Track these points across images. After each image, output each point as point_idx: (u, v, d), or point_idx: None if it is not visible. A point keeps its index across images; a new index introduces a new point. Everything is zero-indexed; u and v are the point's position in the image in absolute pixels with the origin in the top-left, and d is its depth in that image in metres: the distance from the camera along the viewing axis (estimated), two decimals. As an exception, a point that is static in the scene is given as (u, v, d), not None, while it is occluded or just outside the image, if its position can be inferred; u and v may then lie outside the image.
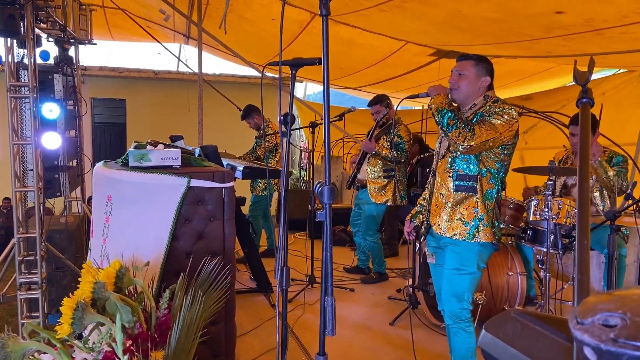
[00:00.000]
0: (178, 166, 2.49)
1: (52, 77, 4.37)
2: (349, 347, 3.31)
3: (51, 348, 1.63)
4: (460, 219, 2.50)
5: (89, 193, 5.63)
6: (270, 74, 9.25)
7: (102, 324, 1.67)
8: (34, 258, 3.65)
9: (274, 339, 3.21)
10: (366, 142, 4.27)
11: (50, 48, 4.70)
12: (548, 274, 3.07)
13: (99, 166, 2.58)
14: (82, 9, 5.86)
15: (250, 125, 5.41)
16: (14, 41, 3.62)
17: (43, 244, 3.68)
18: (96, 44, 6.05)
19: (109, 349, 1.64)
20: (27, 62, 3.58)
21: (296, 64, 2.07)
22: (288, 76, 2.12)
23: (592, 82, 4.91)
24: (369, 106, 4.59)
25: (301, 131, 11.03)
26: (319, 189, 1.49)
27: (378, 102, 4.52)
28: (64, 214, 5.16)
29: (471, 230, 2.48)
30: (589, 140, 0.95)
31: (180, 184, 2.38)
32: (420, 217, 2.77)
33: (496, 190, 2.53)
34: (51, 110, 4.03)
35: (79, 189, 5.50)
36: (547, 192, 3.06)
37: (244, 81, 9.02)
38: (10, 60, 3.62)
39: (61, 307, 1.57)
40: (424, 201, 2.78)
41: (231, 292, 2.46)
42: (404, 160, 4.35)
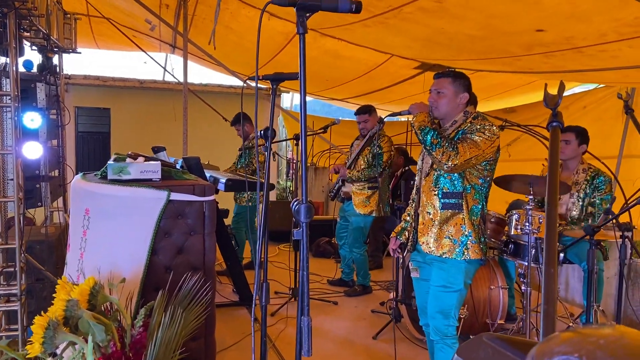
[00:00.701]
0: (158, 179, 2.47)
1: (35, 85, 4.32)
2: (331, 361, 3.29)
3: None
4: (448, 236, 2.51)
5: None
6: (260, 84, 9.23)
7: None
8: (13, 269, 3.58)
9: (255, 353, 3.18)
10: (342, 169, 4.32)
11: (34, 56, 4.65)
12: (529, 287, 3.08)
13: (77, 179, 2.55)
14: (66, 18, 5.82)
15: (238, 132, 5.39)
16: (-4, 50, 3.57)
17: (23, 255, 3.61)
18: (80, 52, 6.01)
19: (82, 368, 1.61)
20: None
21: (277, 79, 2.08)
22: (277, 88, 2.12)
23: (573, 96, 5.01)
24: (356, 114, 4.61)
25: (287, 142, 11.04)
26: (295, 207, 1.48)
27: (366, 112, 4.55)
28: (45, 224, 5.08)
29: (460, 247, 2.49)
30: (557, 165, 0.96)
31: (160, 197, 2.36)
32: (406, 234, 2.77)
33: (481, 206, 2.55)
34: (33, 120, 3.97)
35: (60, 199, 5.43)
36: (528, 207, 3.09)
37: (230, 91, 9.00)
38: (-9, 69, 3.57)
39: (32, 326, 1.54)
40: (409, 217, 2.78)
41: (211, 307, 2.43)
42: (381, 172, 4.36)
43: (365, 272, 4.62)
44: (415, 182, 2.74)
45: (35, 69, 4.50)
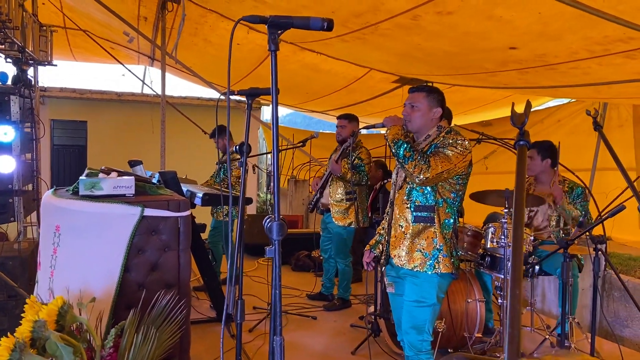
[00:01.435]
0: (131, 195, 2.43)
1: (9, 98, 4.24)
2: (309, 377, 3.25)
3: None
4: (419, 250, 2.51)
5: (44, 218, 5.43)
6: (235, 97, 9.23)
7: (42, 364, 1.59)
8: (-17, 287, 3.48)
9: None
10: (333, 164, 4.29)
11: (9, 69, 4.58)
12: (505, 300, 3.10)
13: (47, 195, 2.49)
14: (42, 30, 5.75)
15: (217, 145, 5.36)
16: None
17: (-7, 271, 3.51)
18: (56, 65, 5.94)
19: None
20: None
21: (252, 94, 2.07)
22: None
23: (548, 109, 5.10)
24: (337, 118, 4.64)
25: (268, 154, 11.01)
26: (268, 224, 1.47)
27: (346, 118, 4.57)
28: (18, 239, 4.96)
29: (431, 261, 2.49)
30: (524, 183, 0.97)
31: (133, 213, 2.33)
32: (380, 247, 2.77)
33: (453, 220, 2.56)
34: (6, 134, 3.92)
35: (34, 213, 5.31)
36: (504, 220, 3.12)
37: (210, 104, 8.97)
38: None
39: (-4, 349, 1.49)
40: (383, 231, 2.78)
41: (186, 325, 2.39)
42: (365, 182, 4.38)
43: (348, 285, 4.61)
44: (390, 196, 2.76)
45: (9, 82, 4.42)
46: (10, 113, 4.24)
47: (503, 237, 3.11)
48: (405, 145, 2.45)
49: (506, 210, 3.17)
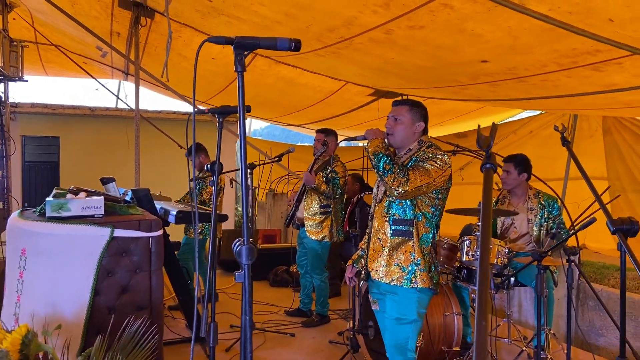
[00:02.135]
0: (101, 215, 2.37)
1: (-24, 116, 4.13)
2: (288, 396, 3.19)
3: None
4: (397, 264, 2.49)
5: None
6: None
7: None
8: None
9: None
10: (306, 175, 4.27)
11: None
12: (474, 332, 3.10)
13: (13, 217, 2.42)
14: (13, 46, 5.65)
15: (193, 164, 5.30)
16: None
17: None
18: (27, 80, 5.83)
19: None
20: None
21: (223, 112, 2.05)
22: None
23: (520, 121, 5.18)
24: (316, 132, 4.64)
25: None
26: (237, 248, 1.43)
27: (323, 132, 4.57)
28: (-14, 260, 4.81)
29: (408, 275, 2.46)
30: (491, 207, 0.96)
31: (102, 234, 2.27)
32: (362, 262, 2.73)
33: (432, 234, 2.54)
34: (-28, 152, 3.80)
35: (4, 232, 5.16)
36: (478, 233, 3.14)
37: (186, 118, 8.89)
38: None
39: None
40: (365, 245, 2.74)
41: (158, 350, 2.33)
42: (339, 195, 4.37)
43: (325, 301, 4.56)
44: (371, 210, 2.74)
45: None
46: (-23, 130, 4.14)
47: (478, 250, 3.12)
48: (386, 158, 2.44)
49: (480, 223, 3.19)
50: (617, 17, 2.59)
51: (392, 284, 2.49)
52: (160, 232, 2.40)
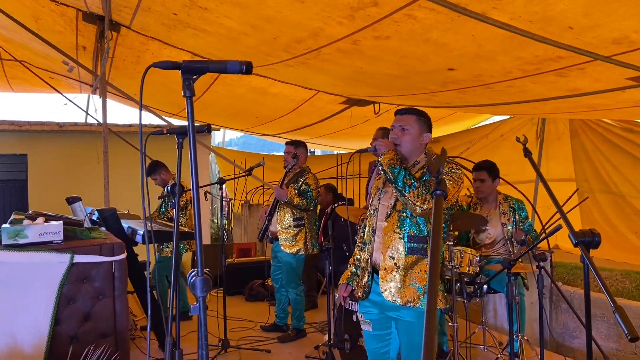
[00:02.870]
0: (60, 241, 2.29)
1: None
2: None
3: None
4: (413, 284, 2.34)
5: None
6: (179, 121, 9.08)
7: None
8: None
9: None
10: (277, 190, 4.22)
11: None
12: (456, 323, 3.10)
13: (-33, 246, 2.32)
14: (-26, 63, 5.49)
15: (156, 182, 5.20)
16: None
17: None
18: (-10, 98, 5.67)
19: None
20: None
21: (182, 132, 2.00)
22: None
23: (492, 125, 5.22)
24: (285, 144, 4.61)
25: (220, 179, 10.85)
26: (191, 279, 1.38)
27: (292, 144, 4.53)
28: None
29: (425, 296, 2.32)
30: (440, 233, 0.94)
31: (62, 261, 2.19)
32: (357, 280, 2.56)
33: (442, 250, 2.47)
34: None
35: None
36: (449, 243, 3.14)
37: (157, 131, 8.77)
38: None
39: None
40: (358, 262, 2.58)
41: (123, 377, 2.25)
42: (312, 208, 4.34)
43: (301, 314, 4.51)
44: (370, 224, 2.54)
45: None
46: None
47: (449, 259, 3.12)
48: (404, 173, 2.29)
49: (451, 232, 3.19)
50: (576, 25, 2.63)
51: (408, 305, 2.33)
52: (123, 256, 2.33)
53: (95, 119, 7.79)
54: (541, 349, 2.84)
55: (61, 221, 2.35)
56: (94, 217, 3.67)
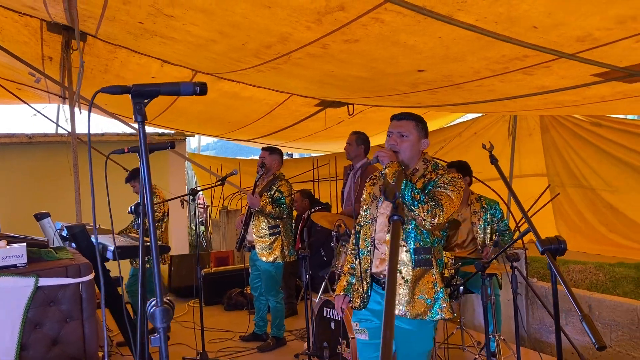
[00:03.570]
0: (24, 264, 2.22)
1: None
2: None
3: None
4: (422, 296, 2.29)
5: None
6: (153, 129, 8.95)
7: None
8: None
9: None
10: (250, 197, 4.18)
11: None
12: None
13: None
14: None
15: (134, 189, 5.10)
16: None
17: None
18: (-47, 112, 5.49)
19: None
20: None
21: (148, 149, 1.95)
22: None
23: (465, 123, 5.26)
24: (262, 149, 4.56)
25: (196, 185, 10.74)
26: (151, 309, 1.32)
27: (267, 150, 4.50)
28: None
29: (434, 308, 2.28)
30: (397, 256, 0.93)
31: (26, 285, 2.12)
32: (354, 290, 2.46)
33: (443, 256, 2.41)
34: None
35: None
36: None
37: (130, 139, 8.61)
38: None
39: None
40: (354, 271, 2.48)
41: (95, 400, 2.19)
42: (287, 215, 4.30)
43: (280, 323, 4.46)
44: (367, 233, 2.45)
45: None
46: None
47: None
48: (411, 186, 2.20)
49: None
50: (540, 24, 2.66)
51: (418, 318, 2.27)
52: (90, 276, 2.26)
53: (65, 129, 7.62)
54: (517, 348, 2.87)
55: (24, 243, 2.27)
56: (64, 234, 3.58)
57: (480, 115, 6.66)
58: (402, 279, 2.29)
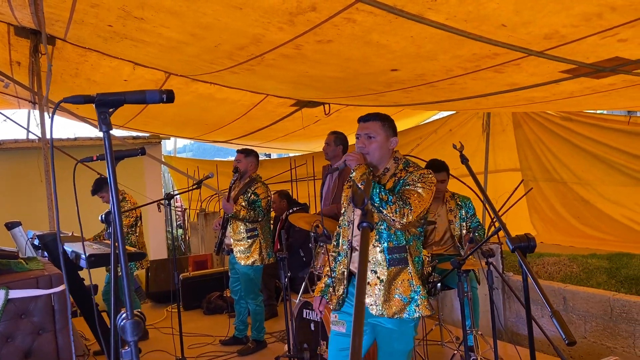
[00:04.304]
0: (-7, 277, 2.16)
1: None
2: None
3: None
4: (398, 295, 2.30)
5: None
6: (126, 132, 8.81)
7: None
8: None
9: None
10: (224, 203, 4.14)
11: None
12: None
13: None
14: None
15: (103, 200, 5.01)
16: None
17: None
18: None
19: None
20: None
21: (117, 157, 1.91)
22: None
23: (440, 120, 5.30)
24: (237, 152, 4.52)
25: (173, 188, 10.62)
26: (121, 323, 1.29)
27: (242, 153, 4.46)
28: None
29: (411, 305, 2.29)
30: (367, 261, 0.93)
31: (-4, 298, 2.06)
32: (331, 290, 2.48)
33: (420, 252, 2.42)
34: None
35: None
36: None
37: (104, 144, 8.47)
38: None
39: None
40: (333, 273, 2.49)
41: (71, 413, 2.15)
42: (263, 217, 4.27)
43: (261, 326, 4.43)
44: (345, 236, 2.47)
45: None
46: None
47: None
48: (379, 188, 2.21)
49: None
50: (509, 23, 2.70)
51: (395, 317, 2.29)
52: (62, 287, 2.22)
53: (36, 135, 7.45)
54: (494, 342, 2.91)
55: (-8, 255, 2.21)
56: (36, 242, 3.50)
57: (454, 112, 6.74)
58: (378, 279, 2.31)
